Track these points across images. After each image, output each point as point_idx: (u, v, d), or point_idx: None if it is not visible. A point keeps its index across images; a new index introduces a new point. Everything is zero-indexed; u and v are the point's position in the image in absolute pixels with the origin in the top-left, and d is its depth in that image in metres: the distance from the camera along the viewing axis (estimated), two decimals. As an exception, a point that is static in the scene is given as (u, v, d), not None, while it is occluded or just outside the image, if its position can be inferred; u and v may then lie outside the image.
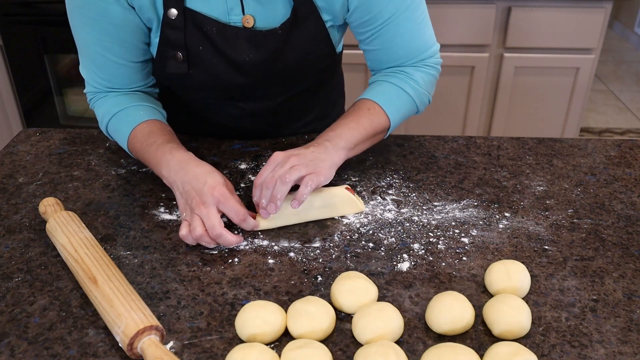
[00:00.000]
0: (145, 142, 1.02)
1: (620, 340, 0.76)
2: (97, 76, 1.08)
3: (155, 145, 1.00)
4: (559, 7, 2.21)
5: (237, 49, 1.04)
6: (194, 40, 1.02)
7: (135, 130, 1.04)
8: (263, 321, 0.75)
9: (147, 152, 1.01)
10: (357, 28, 1.08)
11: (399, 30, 1.06)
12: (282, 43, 1.04)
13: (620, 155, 1.18)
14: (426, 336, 0.77)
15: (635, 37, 4.64)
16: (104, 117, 1.08)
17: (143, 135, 1.03)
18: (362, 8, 1.03)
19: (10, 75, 2.48)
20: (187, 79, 1.07)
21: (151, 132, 1.03)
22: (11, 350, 0.75)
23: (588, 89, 2.38)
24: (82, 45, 1.05)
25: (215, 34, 1.02)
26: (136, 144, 1.04)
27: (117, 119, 1.07)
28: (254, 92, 1.14)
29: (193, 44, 1.03)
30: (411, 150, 1.19)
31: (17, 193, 1.06)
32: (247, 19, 1.02)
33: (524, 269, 0.84)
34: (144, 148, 1.02)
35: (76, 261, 0.83)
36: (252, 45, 1.04)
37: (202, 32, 1.01)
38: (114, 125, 1.08)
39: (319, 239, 0.94)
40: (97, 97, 1.10)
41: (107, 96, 1.09)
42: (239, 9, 1.01)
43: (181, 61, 1.03)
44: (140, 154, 1.04)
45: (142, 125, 1.04)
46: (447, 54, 2.32)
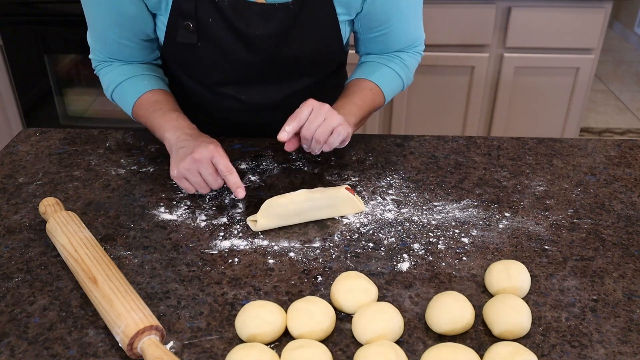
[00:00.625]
0: (152, 108, 1.08)
1: (620, 340, 0.76)
2: (104, 49, 1.13)
3: (162, 112, 1.07)
4: (559, 7, 2.21)
5: (248, 22, 1.04)
6: (205, 12, 1.03)
7: (141, 99, 1.10)
8: (263, 321, 0.75)
9: (153, 117, 1.07)
10: (367, 26, 1.13)
11: (406, 26, 1.15)
12: (292, 20, 1.05)
13: (620, 155, 1.18)
14: (426, 336, 0.77)
15: (635, 37, 4.64)
16: (109, 85, 1.14)
17: (149, 102, 1.09)
18: (378, 9, 1.08)
19: (10, 75, 2.48)
20: (195, 53, 1.08)
21: (156, 101, 1.09)
22: (11, 350, 0.75)
23: (588, 89, 2.38)
24: (90, 18, 1.09)
25: (227, 5, 1.02)
26: (141, 111, 1.10)
27: (122, 88, 1.12)
28: (260, 78, 1.14)
29: (203, 15, 1.03)
30: (411, 150, 1.19)
31: (17, 193, 1.06)
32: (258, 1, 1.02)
33: (524, 269, 0.84)
34: (150, 114, 1.08)
35: (76, 261, 0.83)
36: (263, 19, 1.04)
37: (213, 3, 1.02)
38: (119, 93, 1.13)
39: (319, 239, 0.94)
40: (102, 65, 1.15)
41: (112, 65, 1.14)
42: None
43: (191, 31, 1.05)
44: (144, 119, 1.10)
45: (147, 94, 1.11)
46: (447, 54, 2.33)
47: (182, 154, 0.97)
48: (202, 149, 0.96)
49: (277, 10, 1.03)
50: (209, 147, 0.96)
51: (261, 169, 1.12)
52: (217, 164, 0.95)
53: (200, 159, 0.95)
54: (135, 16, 1.05)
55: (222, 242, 0.94)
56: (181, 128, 1.03)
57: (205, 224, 0.97)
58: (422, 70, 1.22)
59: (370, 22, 1.11)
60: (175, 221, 0.98)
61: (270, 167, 1.13)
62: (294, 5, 1.03)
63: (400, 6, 1.09)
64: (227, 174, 0.95)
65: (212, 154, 0.95)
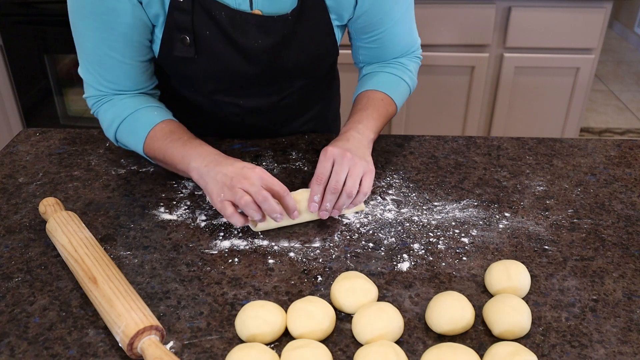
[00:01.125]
0: (169, 138, 1.01)
1: (620, 340, 0.76)
2: (103, 79, 1.06)
3: (182, 141, 1.00)
4: (559, 7, 2.21)
5: (247, 35, 1.03)
6: (202, 25, 1.02)
7: (155, 129, 1.03)
8: (263, 321, 0.75)
9: (172, 147, 1.00)
10: (360, 30, 1.12)
11: (399, 30, 1.13)
12: (290, 30, 1.04)
13: (620, 155, 1.18)
14: (426, 336, 0.77)
15: (635, 37, 4.63)
16: (114, 121, 1.06)
17: (164, 133, 1.02)
18: (369, 13, 1.07)
19: (10, 75, 2.48)
20: (193, 66, 1.07)
21: (172, 131, 1.03)
22: (11, 350, 0.75)
23: (588, 89, 2.38)
24: (87, 47, 1.03)
25: (224, 18, 1.01)
26: (156, 143, 1.02)
27: (130, 121, 1.05)
28: (258, 85, 1.14)
29: (200, 28, 1.02)
30: (411, 150, 1.19)
31: (17, 193, 1.06)
32: (256, 13, 1.02)
33: (524, 269, 0.84)
34: (168, 145, 1.01)
35: (76, 261, 0.83)
36: (262, 31, 1.03)
37: (210, 16, 1.01)
38: (127, 127, 1.06)
39: (319, 239, 0.94)
40: (103, 101, 1.08)
41: (114, 99, 1.07)
42: (246, 4, 1.01)
43: (188, 45, 1.03)
44: (161, 152, 1.02)
45: (161, 125, 1.04)
46: (447, 54, 2.33)
47: (223, 177, 0.90)
48: (248, 169, 0.90)
49: (276, 22, 1.03)
50: (256, 168, 0.90)
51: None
52: (272, 185, 0.89)
53: (251, 177, 0.88)
54: (133, 28, 1.00)
55: (222, 242, 0.94)
56: (209, 154, 0.96)
57: (205, 224, 0.97)
58: (422, 70, 1.22)
59: (363, 27, 1.11)
60: (175, 221, 0.98)
61: (270, 167, 1.13)
62: (292, 16, 1.03)
63: (391, 10, 1.09)
64: (285, 195, 0.90)
65: (261, 174, 0.90)
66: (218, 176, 0.91)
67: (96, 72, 1.06)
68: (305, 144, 1.21)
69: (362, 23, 1.10)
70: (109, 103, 1.08)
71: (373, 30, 1.11)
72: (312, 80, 1.20)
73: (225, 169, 0.91)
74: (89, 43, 1.02)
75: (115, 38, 1.00)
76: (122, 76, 1.06)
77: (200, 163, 0.95)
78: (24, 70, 2.47)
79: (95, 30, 1.00)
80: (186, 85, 1.16)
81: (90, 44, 1.02)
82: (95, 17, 0.98)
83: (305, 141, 1.21)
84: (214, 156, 0.96)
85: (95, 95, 1.08)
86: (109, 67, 1.04)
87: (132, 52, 1.04)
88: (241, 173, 0.90)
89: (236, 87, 1.14)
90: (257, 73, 1.09)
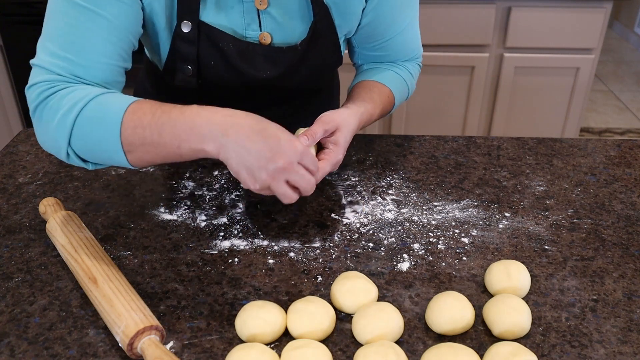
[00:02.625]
0: (159, 109, 0.77)
1: (620, 340, 0.76)
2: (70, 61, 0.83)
3: (177, 109, 0.77)
4: (559, 7, 2.21)
5: (254, 66, 1.00)
6: (207, 55, 0.98)
7: (136, 103, 0.79)
8: (263, 321, 0.75)
9: (168, 120, 0.76)
10: (364, 40, 1.10)
11: (403, 39, 1.11)
12: (298, 59, 1.02)
13: (620, 155, 1.18)
14: (426, 336, 0.77)
15: (635, 37, 4.63)
16: (76, 104, 0.79)
17: (151, 105, 0.79)
18: (373, 24, 1.05)
19: (10, 75, 2.48)
20: (196, 90, 1.04)
21: (160, 103, 0.79)
22: (11, 350, 0.75)
23: (588, 89, 2.38)
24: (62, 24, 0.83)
25: (232, 49, 0.98)
26: (144, 118, 0.77)
27: (102, 100, 0.80)
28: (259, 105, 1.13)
29: (206, 58, 0.98)
30: (411, 150, 1.19)
31: (17, 193, 1.06)
32: (264, 36, 0.99)
33: (524, 269, 0.84)
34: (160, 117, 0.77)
35: (76, 261, 0.83)
36: (270, 62, 1.01)
37: (216, 48, 0.97)
38: (95, 107, 0.79)
39: (319, 239, 0.94)
40: (59, 86, 0.83)
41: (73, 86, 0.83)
42: (256, 25, 0.98)
43: (190, 75, 0.99)
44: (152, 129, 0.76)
45: (141, 101, 0.80)
46: (447, 54, 2.33)
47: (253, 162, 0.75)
48: (284, 152, 0.75)
49: (285, 52, 1.00)
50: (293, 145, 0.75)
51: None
52: (307, 163, 0.78)
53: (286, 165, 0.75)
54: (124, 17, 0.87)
55: (222, 242, 0.94)
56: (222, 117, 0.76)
57: (205, 224, 0.97)
58: (422, 70, 1.22)
59: (367, 37, 1.09)
60: (175, 221, 0.98)
61: (270, 167, 1.13)
62: (302, 46, 1.01)
63: (394, 21, 1.06)
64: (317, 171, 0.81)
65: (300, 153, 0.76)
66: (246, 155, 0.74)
67: (63, 53, 0.83)
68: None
69: (365, 33, 1.07)
70: (67, 89, 0.82)
71: (376, 40, 1.09)
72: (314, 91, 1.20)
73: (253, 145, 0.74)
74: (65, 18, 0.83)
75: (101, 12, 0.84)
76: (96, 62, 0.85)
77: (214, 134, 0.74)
78: (24, 70, 2.47)
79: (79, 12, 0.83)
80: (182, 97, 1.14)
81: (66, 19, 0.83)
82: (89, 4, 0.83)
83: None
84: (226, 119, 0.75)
85: (47, 80, 0.83)
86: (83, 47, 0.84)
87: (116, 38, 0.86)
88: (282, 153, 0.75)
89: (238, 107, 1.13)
90: (260, 96, 1.08)
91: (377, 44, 1.10)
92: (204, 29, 0.96)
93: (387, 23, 1.06)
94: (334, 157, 0.91)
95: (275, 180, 0.76)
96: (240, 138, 0.74)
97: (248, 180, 0.77)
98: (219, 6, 0.96)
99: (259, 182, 0.77)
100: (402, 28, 1.08)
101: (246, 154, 0.74)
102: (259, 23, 0.98)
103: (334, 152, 0.91)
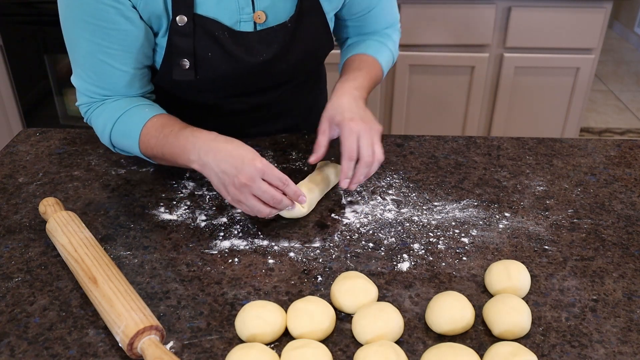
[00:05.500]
0: (161, 134, 0.97)
1: (620, 340, 0.76)
2: (96, 85, 1.02)
3: (174, 134, 0.96)
4: (559, 7, 2.21)
5: (250, 51, 1.03)
6: (204, 47, 1.00)
7: (147, 126, 0.99)
8: (263, 321, 0.75)
9: (167, 143, 0.96)
10: (347, 11, 1.15)
11: (383, 6, 1.18)
12: (290, 37, 1.05)
13: (620, 155, 1.18)
14: (426, 336, 0.77)
15: (635, 37, 4.63)
16: (106, 124, 1.02)
17: (156, 128, 0.98)
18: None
19: (10, 75, 2.48)
20: (194, 83, 1.05)
21: (164, 124, 0.98)
22: (11, 350, 0.75)
23: (588, 89, 2.38)
24: (81, 53, 0.99)
25: (227, 37, 1.00)
26: (151, 140, 0.98)
27: (122, 122, 1.01)
28: (255, 89, 1.14)
29: (202, 50, 1.01)
30: (411, 150, 1.19)
31: (17, 193, 1.06)
32: (259, 15, 1.01)
33: (524, 269, 0.84)
34: (162, 140, 0.97)
35: (76, 261, 0.83)
36: (264, 44, 1.04)
37: (212, 38, 1.00)
38: (119, 129, 1.02)
39: (319, 239, 0.94)
40: (94, 107, 1.04)
41: (104, 103, 1.03)
42: (249, 7, 1.01)
43: (187, 68, 1.01)
44: (158, 149, 0.98)
45: (152, 120, 0.99)
46: (447, 54, 2.33)
47: (225, 178, 0.89)
48: (246, 169, 0.87)
49: (276, 32, 1.04)
50: (254, 164, 0.88)
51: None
52: (271, 179, 0.88)
53: (248, 182, 0.87)
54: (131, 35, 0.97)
55: (222, 242, 0.94)
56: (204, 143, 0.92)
57: (205, 224, 0.97)
58: (422, 70, 1.23)
59: (352, 9, 1.14)
60: (175, 221, 0.98)
61: (270, 167, 1.13)
62: (291, 23, 1.04)
63: None
64: (285, 186, 0.90)
65: (261, 171, 0.88)
66: (219, 173, 0.89)
67: (89, 79, 1.02)
68: (305, 143, 1.21)
69: (352, 5, 1.13)
70: (100, 108, 1.04)
71: (359, 10, 1.15)
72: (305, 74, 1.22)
73: (223, 164, 0.89)
74: (82, 49, 0.98)
75: (111, 45, 0.97)
76: (118, 83, 1.02)
77: (197, 155, 0.92)
78: (24, 70, 2.47)
79: (90, 36, 0.96)
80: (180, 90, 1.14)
81: (83, 51, 0.98)
82: (90, 23, 0.94)
83: (305, 141, 1.21)
84: (209, 144, 0.91)
85: (87, 102, 1.05)
86: (103, 74, 1.00)
87: (130, 60, 1.00)
88: (243, 172, 0.87)
89: (235, 93, 1.14)
90: (257, 81, 1.10)
91: (359, 13, 1.15)
92: (199, 21, 0.99)
93: None
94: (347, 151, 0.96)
95: (243, 194, 0.89)
96: (216, 160, 0.90)
97: (223, 193, 0.91)
98: None
99: (230, 195, 0.90)
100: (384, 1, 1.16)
101: (220, 172, 0.89)
102: (252, 4, 1.01)
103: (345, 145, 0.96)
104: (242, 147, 0.91)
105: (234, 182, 0.88)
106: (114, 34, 0.96)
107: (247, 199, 0.89)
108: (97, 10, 0.93)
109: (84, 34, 0.96)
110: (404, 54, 2.33)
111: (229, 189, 0.89)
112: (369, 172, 0.98)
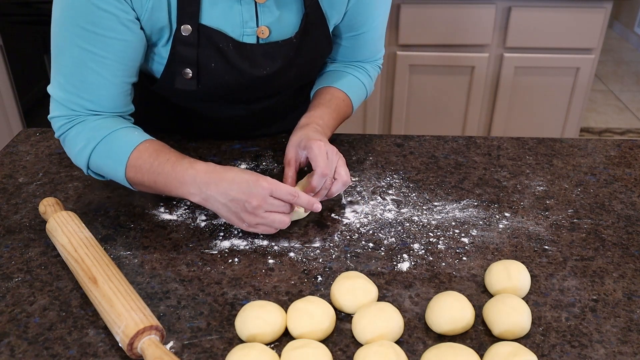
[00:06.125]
0: (156, 161, 0.92)
1: (620, 340, 0.76)
2: (80, 97, 0.95)
3: (171, 163, 0.91)
4: (559, 7, 2.21)
5: (254, 64, 1.02)
6: (207, 57, 0.99)
7: (139, 149, 0.93)
8: (263, 321, 0.75)
9: (162, 171, 0.91)
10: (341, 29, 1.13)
11: (373, 36, 1.16)
12: (295, 52, 1.04)
13: (620, 155, 1.18)
14: (426, 336, 0.77)
15: (635, 37, 4.64)
16: (89, 143, 0.94)
17: (150, 154, 0.93)
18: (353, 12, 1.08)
19: (10, 75, 2.48)
20: (195, 91, 1.04)
21: (158, 151, 0.93)
22: (11, 350, 0.75)
23: (588, 89, 2.38)
24: (69, 62, 0.94)
25: (231, 49, 0.99)
26: (144, 165, 0.92)
27: (108, 141, 0.94)
28: (256, 98, 1.14)
29: (206, 60, 1.00)
30: (411, 150, 1.19)
31: (17, 193, 1.06)
32: (262, 30, 1.00)
33: (524, 269, 0.84)
34: (157, 168, 0.92)
35: (76, 261, 0.83)
36: (268, 58, 1.03)
37: (216, 49, 0.99)
38: (103, 150, 0.94)
39: (319, 239, 0.94)
40: (75, 122, 0.97)
41: (86, 121, 0.96)
42: (253, 21, 0.99)
43: (190, 78, 1.00)
44: (151, 176, 0.92)
45: (144, 144, 0.94)
46: (447, 54, 2.33)
47: (235, 206, 0.88)
48: (255, 191, 0.86)
49: (281, 47, 1.03)
50: (260, 185, 0.87)
51: (261, 169, 1.12)
52: (280, 195, 0.88)
53: (260, 203, 0.87)
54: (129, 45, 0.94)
55: (222, 242, 0.94)
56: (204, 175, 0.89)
57: (205, 224, 0.97)
58: (422, 70, 1.23)
59: (344, 27, 1.12)
60: (175, 221, 0.98)
61: (271, 167, 1.13)
62: (296, 39, 1.03)
63: (373, 16, 1.10)
64: (295, 198, 0.89)
65: (269, 189, 0.87)
66: (228, 203, 0.88)
67: (73, 89, 0.95)
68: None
69: (346, 23, 1.10)
70: (82, 124, 0.96)
71: (350, 31, 1.12)
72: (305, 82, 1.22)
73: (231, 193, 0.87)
74: (71, 57, 0.93)
75: (107, 55, 0.92)
76: (105, 96, 0.96)
77: (197, 188, 0.89)
78: (24, 70, 2.47)
79: (83, 43, 0.91)
80: (179, 97, 1.14)
81: (72, 59, 0.93)
82: (86, 30, 0.90)
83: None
84: (209, 176, 0.89)
85: (65, 115, 0.97)
86: (90, 85, 0.94)
87: (122, 72, 0.96)
88: (252, 195, 0.87)
89: (234, 100, 1.14)
90: (259, 91, 1.10)
91: (350, 34, 1.13)
92: (204, 31, 0.97)
93: (367, 13, 1.09)
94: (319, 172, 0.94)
95: (258, 216, 0.88)
96: (219, 191, 0.88)
97: (235, 222, 0.90)
98: (218, 7, 0.97)
99: (245, 221, 0.89)
100: (377, 23, 1.13)
101: (228, 201, 0.88)
102: (257, 18, 1.00)
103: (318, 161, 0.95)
104: (243, 172, 0.90)
105: (246, 208, 0.87)
106: (111, 42, 0.92)
107: (264, 217, 0.88)
108: (98, 18, 0.90)
109: (77, 41, 0.91)
110: (404, 54, 2.33)
111: (242, 215, 0.88)
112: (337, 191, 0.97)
